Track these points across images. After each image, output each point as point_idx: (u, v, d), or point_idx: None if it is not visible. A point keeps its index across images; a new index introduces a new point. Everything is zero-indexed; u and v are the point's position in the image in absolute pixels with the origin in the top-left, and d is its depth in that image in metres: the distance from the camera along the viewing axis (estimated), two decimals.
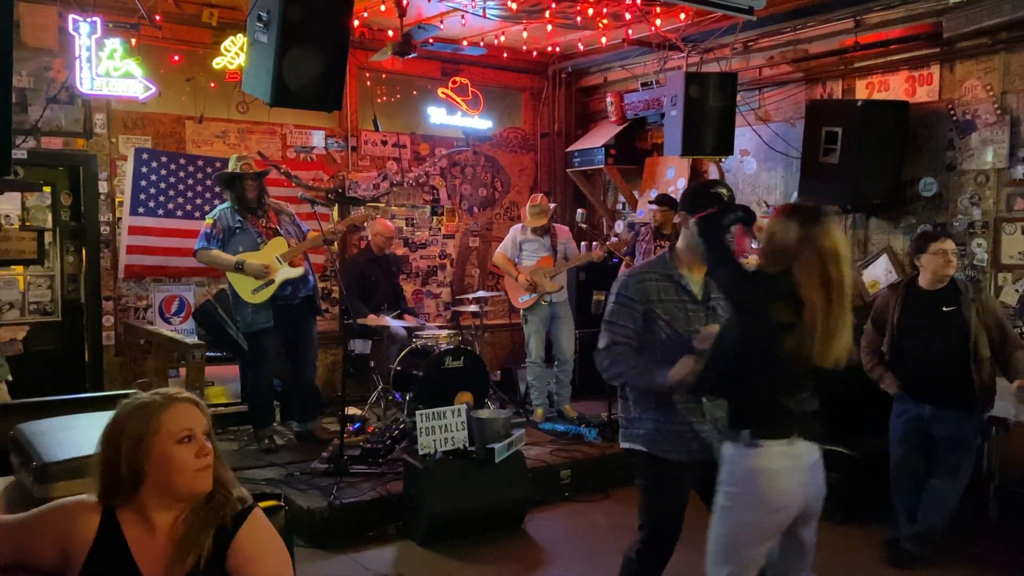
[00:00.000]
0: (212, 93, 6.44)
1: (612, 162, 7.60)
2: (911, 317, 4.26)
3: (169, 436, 1.80)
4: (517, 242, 6.42)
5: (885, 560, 4.36)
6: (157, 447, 1.80)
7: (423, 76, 7.56)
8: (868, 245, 6.04)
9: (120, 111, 6.15)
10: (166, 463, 1.80)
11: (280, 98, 3.98)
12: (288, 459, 5.31)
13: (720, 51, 6.52)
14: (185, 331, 6.21)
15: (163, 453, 1.80)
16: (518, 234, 6.45)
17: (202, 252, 5.37)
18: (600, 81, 8.13)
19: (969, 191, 5.43)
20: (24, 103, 5.72)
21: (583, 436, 5.90)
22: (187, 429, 1.82)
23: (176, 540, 1.81)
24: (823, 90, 6.27)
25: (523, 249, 6.40)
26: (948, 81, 5.53)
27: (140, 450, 1.80)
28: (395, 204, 7.51)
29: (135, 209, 6.05)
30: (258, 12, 3.95)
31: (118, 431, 1.83)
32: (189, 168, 6.27)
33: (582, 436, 5.91)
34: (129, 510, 1.82)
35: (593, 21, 6.38)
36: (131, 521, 1.82)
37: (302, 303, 5.58)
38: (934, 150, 5.60)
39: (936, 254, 4.15)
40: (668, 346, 2.84)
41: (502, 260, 6.51)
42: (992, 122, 5.30)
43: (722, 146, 5.96)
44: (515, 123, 8.34)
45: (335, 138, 7.19)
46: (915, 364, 4.25)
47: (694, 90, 5.76)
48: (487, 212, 8.12)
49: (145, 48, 5.91)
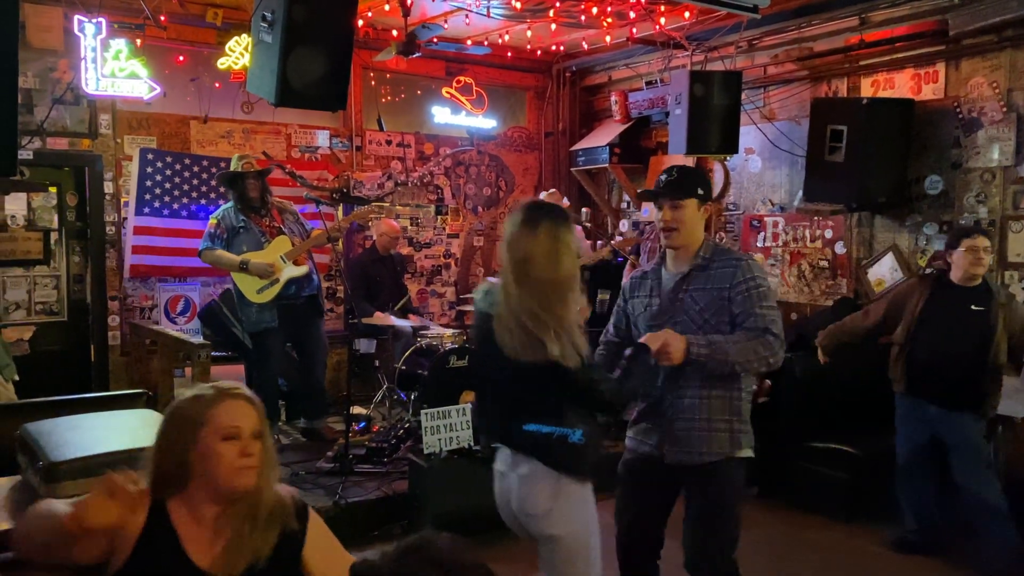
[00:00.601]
0: (217, 93, 6.45)
1: (616, 161, 7.59)
2: (935, 310, 4.16)
3: (216, 431, 1.81)
4: None
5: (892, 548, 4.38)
6: (203, 441, 1.80)
7: (427, 76, 7.56)
8: (873, 244, 6.02)
9: (125, 111, 6.17)
10: (209, 458, 1.80)
11: (285, 98, 3.98)
12: (293, 458, 5.32)
13: (725, 49, 6.50)
14: (190, 331, 6.22)
15: (208, 447, 1.80)
16: None
17: (206, 252, 5.39)
18: (604, 80, 8.12)
19: (975, 189, 5.41)
20: (30, 104, 5.73)
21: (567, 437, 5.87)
22: (234, 427, 1.82)
23: (230, 535, 1.82)
24: (828, 88, 6.25)
25: None
26: (954, 79, 5.51)
27: (187, 442, 1.80)
28: (399, 204, 7.51)
29: (140, 209, 6.07)
30: (262, 12, 3.95)
31: (169, 422, 1.84)
32: (194, 168, 6.28)
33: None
34: (179, 501, 1.83)
35: (597, 20, 6.37)
36: (180, 512, 1.82)
37: (306, 302, 5.59)
38: (940, 148, 5.58)
39: (967, 251, 4.05)
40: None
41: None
42: (998, 120, 5.28)
43: (727, 145, 5.95)
44: (519, 122, 8.34)
45: (340, 138, 7.19)
46: (927, 359, 4.16)
47: (699, 89, 5.74)
48: (491, 211, 8.12)
49: (150, 49, 5.93)
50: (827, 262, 6.28)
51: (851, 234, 6.13)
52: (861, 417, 5.17)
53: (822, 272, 6.31)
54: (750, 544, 4.44)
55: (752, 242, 6.78)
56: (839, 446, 5.03)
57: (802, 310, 6.42)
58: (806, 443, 5.15)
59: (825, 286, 6.30)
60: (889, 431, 4.54)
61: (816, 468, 5.07)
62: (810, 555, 4.44)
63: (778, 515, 5.00)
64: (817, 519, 4.87)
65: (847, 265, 6.15)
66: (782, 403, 5.13)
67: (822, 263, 6.32)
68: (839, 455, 5.00)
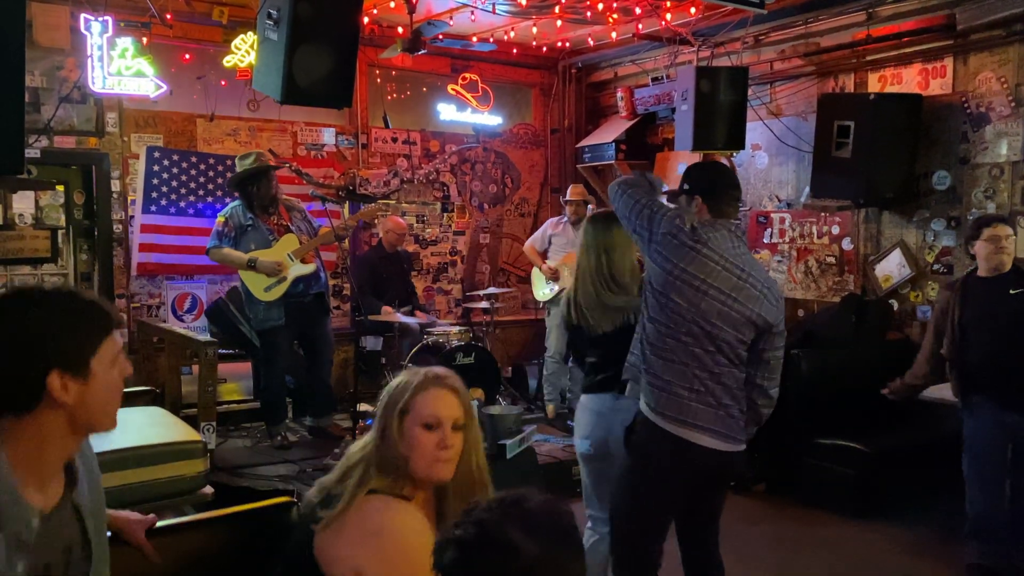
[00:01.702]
0: (223, 91, 6.46)
1: (623, 157, 7.58)
2: (973, 310, 3.88)
3: (417, 418, 1.82)
4: (547, 235, 6.51)
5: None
6: (407, 426, 1.81)
7: (433, 73, 7.56)
8: (881, 239, 6.00)
9: (132, 110, 6.18)
10: (411, 443, 1.81)
11: (290, 96, 3.98)
12: (301, 455, 5.34)
13: (731, 45, 6.48)
14: (198, 328, 6.24)
15: (410, 434, 1.81)
16: (549, 227, 6.54)
17: (214, 250, 5.40)
18: (610, 76, 8.10)
19: (983, 184, 5.38)
20: (37, 102, 5.75)
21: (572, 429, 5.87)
22: (433, 416, 1.83)
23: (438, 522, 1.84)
24: (835, 84, 6.23)
25: (551, 243, 6.46)
26: (962, 73, 5.49)
27: (395, 428, 1.82)
28: (406, 201, 7.52)
29: (147, 207, 6.08)
30: (268, 10, 3.95)
31: (383, 408, 1.86)
32: (200, 166, 6.30)
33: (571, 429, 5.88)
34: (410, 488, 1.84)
35: (603, 16, 6.35)
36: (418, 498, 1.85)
37: (314, 300, 5.60)
38: (947, 143, 5.56)
39: (988, 240, 3.86)
40: None
41: (530, 250, 6.63)
42: (1006, 115, 5.25)
43: (733, 141, 5.93)
44: (525, 119, 8.33)
45: (345, 135, 7.19)
46: (980, 361, 3.83)
47: (705, 85, 5.72)
48: (497, 208, 8.11)
49: (156, 47, 5.94)
50: (834, 258, 6.26)
51: (858, 230, 6.11)
52: (869, 414, 5.15)
53: (829, 268, 6.29)
54: (759, 540, 4.46)
55: (759, 238, 6.76)
56: (847, 443, 5.02)
57: (809, 306, 6.40)
58: (814, 440, 5.14)
59: (832, 282, 6.28)
60: (896, 428, 4.51)
61: (824, 465, 5.06)
62: (819, 551, 4.44)
63: (786, 512, 5.00)
64: (826, 515, 4.87)
65: (854, 261, 6.13)
66: (789, 400, 5.10)
67: (829, 259, 6.30)
68: (847, 452, 4.99)
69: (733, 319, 2.77)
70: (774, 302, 2.86)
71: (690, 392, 2.78)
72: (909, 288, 5.82)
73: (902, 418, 5.10)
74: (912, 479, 4.94)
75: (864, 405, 5.22)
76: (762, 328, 2.82)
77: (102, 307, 1.60)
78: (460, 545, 1.24)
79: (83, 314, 1.55)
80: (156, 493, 3.64)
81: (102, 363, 1.55)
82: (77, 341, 1.52)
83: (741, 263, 2.82)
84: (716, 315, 2.77)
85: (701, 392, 2.78)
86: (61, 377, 1.48)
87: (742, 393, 2.87)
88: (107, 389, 1.57)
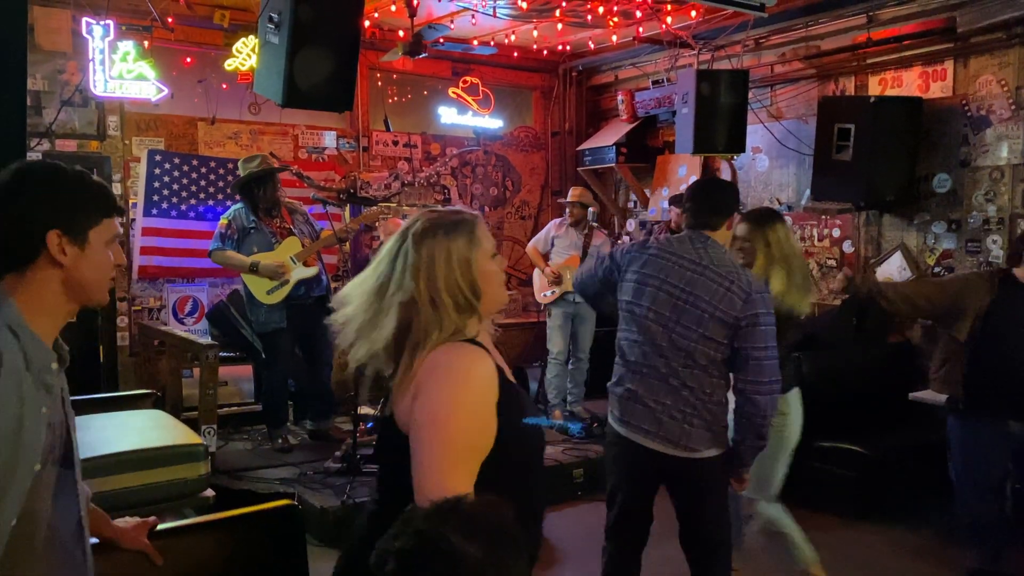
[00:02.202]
0: (224, 95, 6.47)
1: (623, 160, 7.58)
2: (1006, 312, 3.62)
3: (486, 252, 1.77)
4: (549, 237, 6.52)
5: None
6: (480, 261, 1.75)
7: (434, 76, 7.57)
8: (881, 242, 6.00)
9: (133, 113, 6.19)
10: (487, 277, 1.76)
11: (292, 99, 3.99)
12: (301, 459, 5.33)
13: (731, 48, 6.49)
14: (199, 331, 6.24)
15: (485, 268, 1.76)
16: (552, 229, 6.55)
17: (217, 253, 5.39)
18: (611, 79, 8.11)
19: (984, 187, 5.39)
20: (38, 106, 5.76)
21: (567, 430, 5.89)
22: (493, 245, 1.81)
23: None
24: (835, 87, 6.23)
25: (554, 244, 6.47)
26: (962, 76, 5.49)
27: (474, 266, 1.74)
28: (406, 204, 7.51)
29: (148, 210, 6.09)
30: (269, 13, 3.96)
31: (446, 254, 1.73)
32: (202, 169, 6.30)
33: (567, 430, 5.90)
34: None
35: (603, 19, 6.36)
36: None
37: (315, 302, 5.60)
38: (948, 146, 5.56)
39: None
40: None
41: (532, 252, 6.63)
42: (1007, 117, 5.25)
43: (734, 144, 5.94)
44: (526, 122, 8.34)
45: (346, 139, 7.20)
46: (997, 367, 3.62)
47: (705, 88, 5.74)
48: (498, 211, 8.12)
49: (157, 50, 5.94)
50: (835, 261, 6.27)
51: (859, 233, 6.11)
52: (869, 416, 5.15)
53: (830, 271, 6.29)
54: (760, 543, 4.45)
55: None
56: (848, 445, 5.01)
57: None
58: (815, 442, 5.12)
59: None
60: (897, 430, 4.50)
61: (825, 467, 5.05)
62: (820, 553, 4.38)
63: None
64: (826, 518, 4.85)
65: (855, 264, 6.13)
66: None
67: (830, 262, 6.30)
68: (848, 454, 4.99)
69: (692, 314, 2.79)
70: (740, 295, 2.76)
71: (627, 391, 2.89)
72: None
73: (902, 420, 5.10)
74: (913, 481, 4.93)
75: (865, 407, 5.22)
76: (729, 323, 2.76)
77: (108, 192, 1.75)
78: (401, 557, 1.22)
79: (90, 189, 1.69)
80: (157, 496, 3.64)
81: (99, 237, 1.67)
82: (79, 208, 1.65)
83: (699, 258, 2.84)
84: (670, 309, 2.81)
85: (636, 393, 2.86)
86: (60, 238, 1.61)
87: (710, 396, 2.81)
88: (101, 264, 1.70)
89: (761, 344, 2.74)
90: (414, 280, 1.71)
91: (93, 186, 1.71)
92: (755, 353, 2.74)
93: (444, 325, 1.69)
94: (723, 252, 2.91)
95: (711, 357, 2.79)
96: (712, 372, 2.80)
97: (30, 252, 1.61)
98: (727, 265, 2.84)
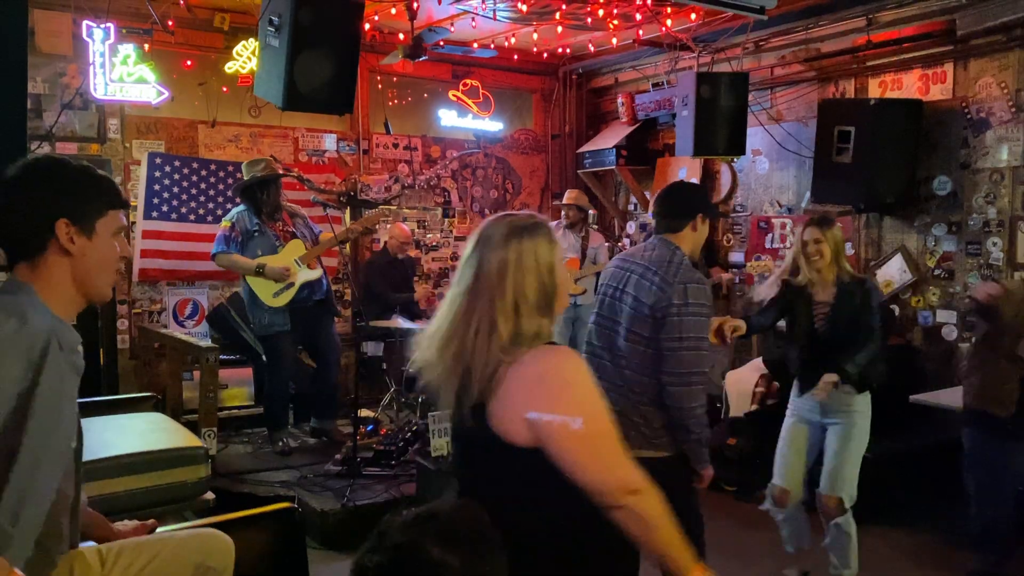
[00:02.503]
0: (224, 97, 6.48)
1: (623, 163, 7.59)
2: None
3: (560, 255, 1.83)
4: None
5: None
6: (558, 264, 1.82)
7: (434, 79, 7.57)
8: (882, 244, 6.00)
9: (134, 116, 6.20)
10: (563, 280, 1.84)
11: (292, 102, 4.00)
12: (302, 461, 5.33)
13: (731, 51, 6.49)
14: (199, 334, 6.24)
15: (560, 271, 1.82)
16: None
17: (221, 256, 5.37)
18: (611, 82, 8.11)
19: (984, 189, 5.39)
20: (39, 109, 5.76)
21: None
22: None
23: None
24: (835, 89, 6.24)
25: None
26: (962, 79, 5.49)
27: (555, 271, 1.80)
28: (407, 206, 7.53)
29: (149, 213, 6.09)
30: (269, 16, 3.96)
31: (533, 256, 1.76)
32: (202, 172, 6.30)
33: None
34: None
35: (603, 22, 6.36)
36: None
37: (316, 305, 5.60)
38: (948, 148, 5.56)
39: None
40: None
41: None
42: (1007, 120, 5.25)
43: (734, 146, 5.94)
44: (526, 125, 8.35)
45: (347, 141, 7.21)
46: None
47: (705, 90, 5.74)
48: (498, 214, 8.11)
49: (158, 53, 5.95)
50: None
51: (859, 235, 6.11)
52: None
53: None
54: (761, 546, 4.44)
55: (760, 244, 6.76)
56: None
57: None
58: None
59: None
60: (897, 432, 4.48)
61: None
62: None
63: None
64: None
65: (855, 266, 6.12)
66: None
67: None
68: None
69: (624, 312, 2.85)
70: (660, 285, 2.75)
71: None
72: (910, 293, 5.82)
73: (903, 423, 5.08)
74: (914, 484, 4.92)
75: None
76: (647, 315, 2.76)
77: (114, 184, 1.82)
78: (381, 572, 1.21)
79: (96, 181, 1.76)
80: (157, 499, 3.64)
81: (106, 229, 1.74)
82: (86, 198, 1.72)
83: (644, 260, 2.88)
84: (609, 310, 2.91)
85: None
86: (68, 227, 1.68)
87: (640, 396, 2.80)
88: (107, 256, 1.76)
89: (676, 335, 2.71)
90: (501, 282, 1.73)
91: (99, 178, 1.76)
92: (669, 344, 2.71)
93: (525, 327, 1.73)
94: (671, 250, 2.86)
95: (641, 355, 2.78)
96: (644, 372, 2.79)
97: (40, 241, 1.67)
98: (662, 260, 2.82)
